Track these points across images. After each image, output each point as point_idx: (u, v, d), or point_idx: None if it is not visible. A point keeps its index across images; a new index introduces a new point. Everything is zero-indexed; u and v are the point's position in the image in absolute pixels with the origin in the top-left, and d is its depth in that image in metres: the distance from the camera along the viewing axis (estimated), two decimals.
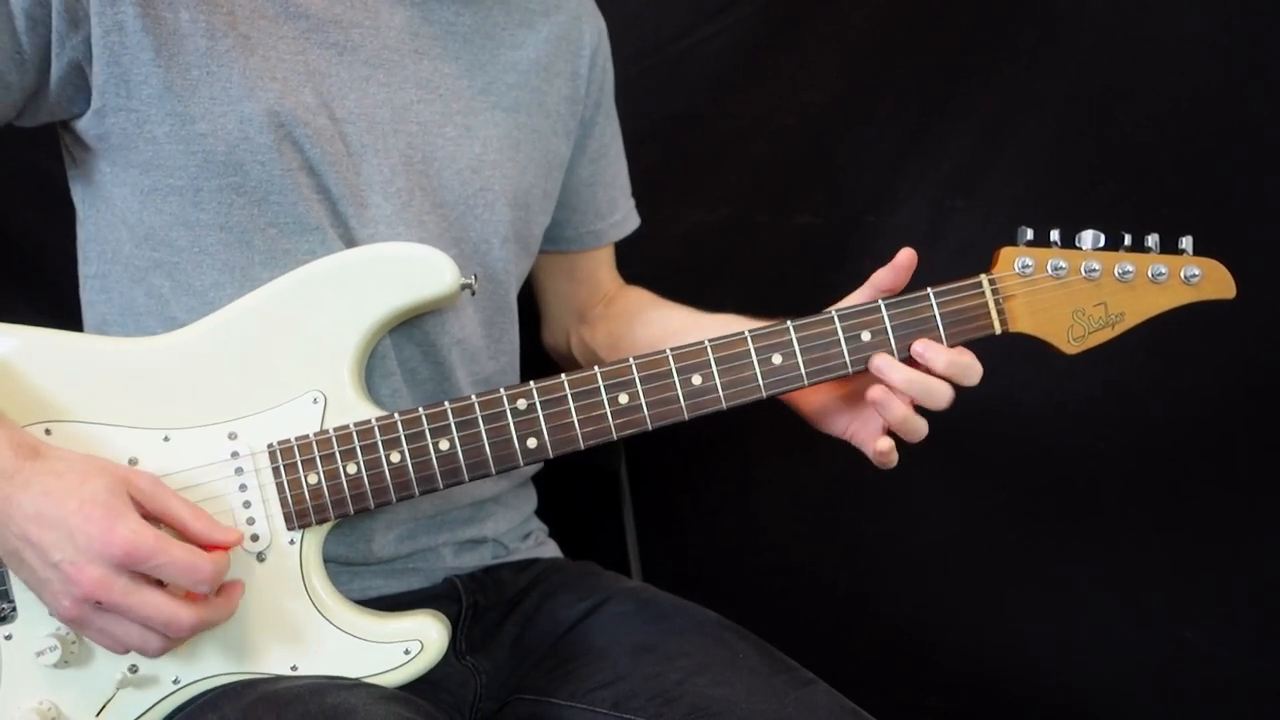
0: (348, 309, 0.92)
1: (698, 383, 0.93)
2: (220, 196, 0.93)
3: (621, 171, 1.26)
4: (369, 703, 0.83)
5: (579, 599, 1.07)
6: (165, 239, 0.95)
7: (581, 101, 1.15)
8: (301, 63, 0.96)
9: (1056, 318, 0.96)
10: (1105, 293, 0.96)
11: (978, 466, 1.49)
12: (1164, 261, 0.96)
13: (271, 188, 0.94)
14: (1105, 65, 1.42)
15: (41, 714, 0.85)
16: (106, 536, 0.78)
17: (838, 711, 0.91)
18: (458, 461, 0.91)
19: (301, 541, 0.90)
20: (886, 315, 0.94)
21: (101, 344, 0.92)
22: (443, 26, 1.04)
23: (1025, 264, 0.95)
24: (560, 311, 1.28)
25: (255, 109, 0.93)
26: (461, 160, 1.03)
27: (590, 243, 1.23)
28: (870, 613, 1.55)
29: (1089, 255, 0.95)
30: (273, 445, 0.90)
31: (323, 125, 0.96)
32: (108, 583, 0.78)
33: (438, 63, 1.03)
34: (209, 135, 0.92)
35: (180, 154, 0.92)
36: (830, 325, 0.94)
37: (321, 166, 0.96)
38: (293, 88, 0.95)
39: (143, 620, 0.80)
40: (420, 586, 1.05)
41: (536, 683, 1.00)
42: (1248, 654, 1.47)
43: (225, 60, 0.93)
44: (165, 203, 0.94)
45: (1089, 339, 0.96)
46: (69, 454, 0.83)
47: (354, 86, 0.98)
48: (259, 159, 0.93)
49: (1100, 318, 0.96)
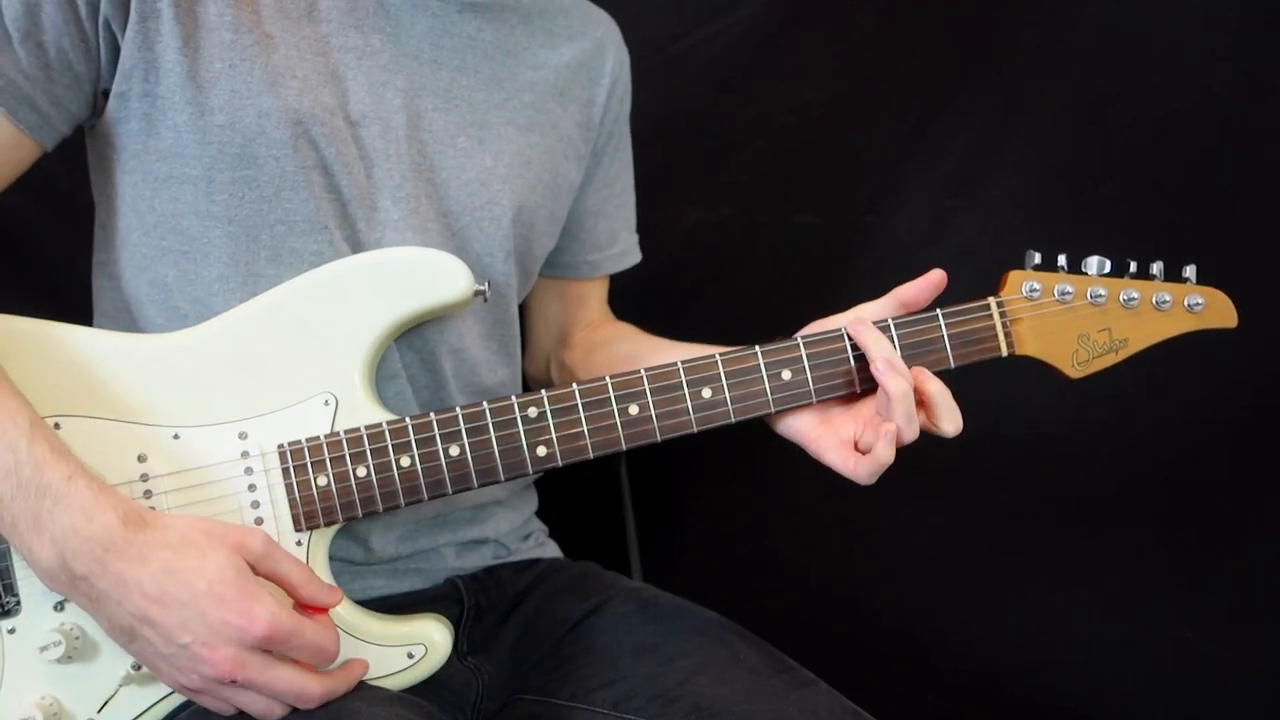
0: (361, 312, 0.93)
1: (708, 396, 0.93)
2: (232, 189, 0.94)
3: (628, 204, 1.26)
4: (372, 705, 0.83)
5: (580, 599, 1.07)
6: (174, 228, 0.95)
7: (595, 129, 1.16)
8: (322, 64, 0.97)
9: (1062, 342, 0.97)
10: (1110, 318, 0.97)
11: (978, 467, 1.49)
12: (1168, 289, 0.97)
13: (283, 184, 0.94)
14: (1105, 65, 1.42)
15: (43, 709, 0.85)
16: (243, 622, 0.78)
17: (838, 712, 0.91)
18: (467, 467, 0.91)
19: (309, 543, 0.90)
20: (895, 334, 0.94)
21: (114, 339, 0.92)
22: (464, 39, 1.04)
23: (1033, 288, 0.96)
24: (544, 335, 1.28)
25: (274, 105, 0.93)
26: (470, 172, 1.03)
27: (586, 272, 1.23)
28: (871, 613, 1.55)
29: (1095, 281, 0.96)
30: (283, 446, 0.90)
31: (338, 126, 0.96)
32: (243, 662, 0.78)
33: (455, 74, 1.03)
34: (226, 127, 0.92)
35: (196, 144, 0.93)
36: (840, 343, 0.95)
37: (335, 166, 0.96)
38: (311, 87, 0.95)
39: (275, 695, 0.81)
40: (422, 587, 1.05)
41: (538, 683, 1.01)
42: (1248, 654, 1.47)
43: (248, 55, 0.93)
44: (179, 191, 0.94)
45: (1093, 364, 0.98)
46: (178, 521, 0.82)
47: (371, 91, 0.98)
48: (274, 154, 0.94)
49: (1105, 343, 0.97)
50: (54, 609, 0.86)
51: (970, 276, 0.97)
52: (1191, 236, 1.34)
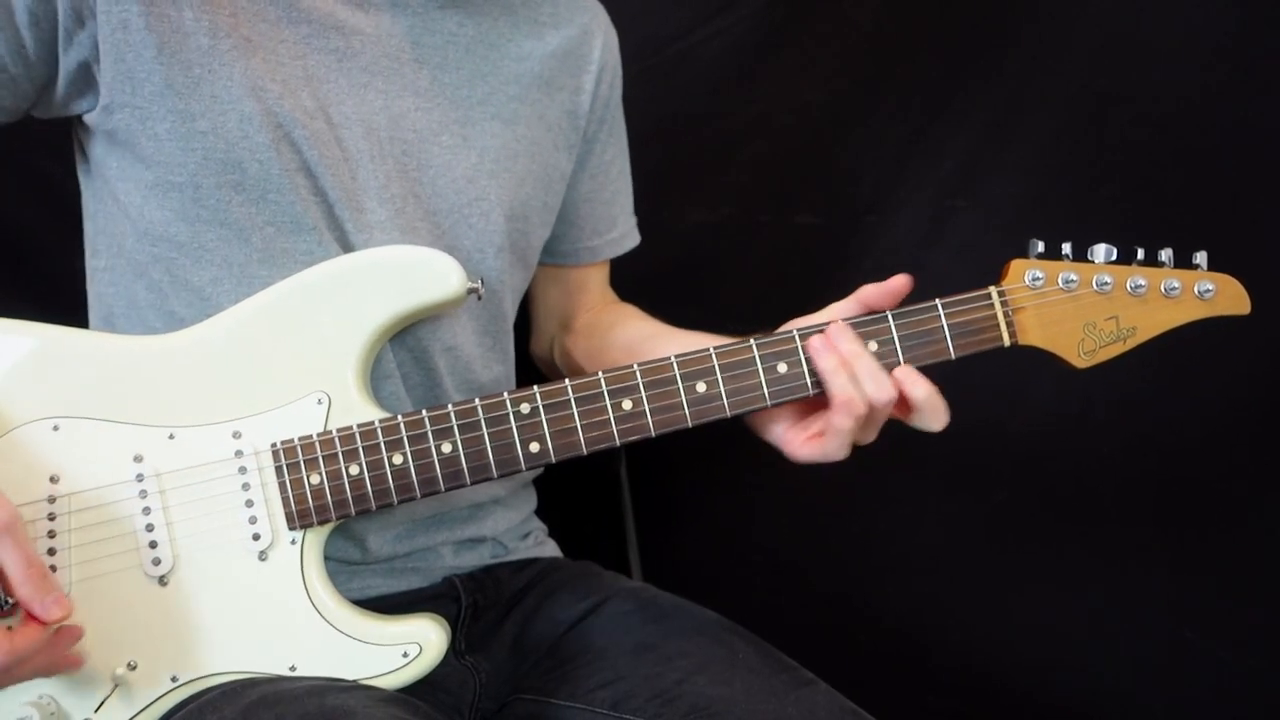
0: (354, 311, 0.93)
1: (702, 390, 0.93)
2: (219, 194, 0.94)
3: (624, 189, 1.25)
4: (368, 705, 0.83)
5: (579, 599, 1.07)
6: (165, 234, 0.95)
7: (585, 116, 1.15)
8: (301, 67, 0.96)
9: (1067, 331, 0.95)
10: (1117, 306, 0.95)
11: (978, 467, 1.49)
12: (1178, 276, 0.95)
13: (269, 186, 0.94)
14: (1106, 65, 1.42)
15: (40, 708, 0.85)
16: None
17: (838, 712, 0.90)
18: (460, 464, 0.91)
19: (303, 542, 0.90)
20: (894, 326, 0.93)
21: (109, 341, 0.93)
22: (445, 36, 1.04)
23: (1036, 276, 0.94)
24: (546, 319, 1.28)
25: (255, 108, 0.93)
26: (457, 170, 1.03)
27: (585, 258, 1.23)
28: (870, 613, 1.55)
29: (1101, 268, 0.94)
30: (276, 445, 0.90)
31: (320, 129, 0.96)
32: None
33: (437, 72, 1.03)
34: (209, 133, 0.92)
35: (180, 151, 0.92)
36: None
37: (318, 169, 0.96)
38: (291, 89, 0.95)
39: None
40: (419, 586, 1.05)
41: (536, 683, 1.00)
42: (1248, 654, 1.47)
43: (227, 60, 0.93)
44: (166, 198, 0.94)
45: (1100, 353, 0.95)
46: None
47: (352, 92, 0.98)
48: (257, 158, 0.93)
49: (1112, 331, 0.95)
50: None
51: (970, 276, 0.96)
52: (1191, 236, 1.33)
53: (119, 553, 0.88)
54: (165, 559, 0.88)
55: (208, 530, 0.89)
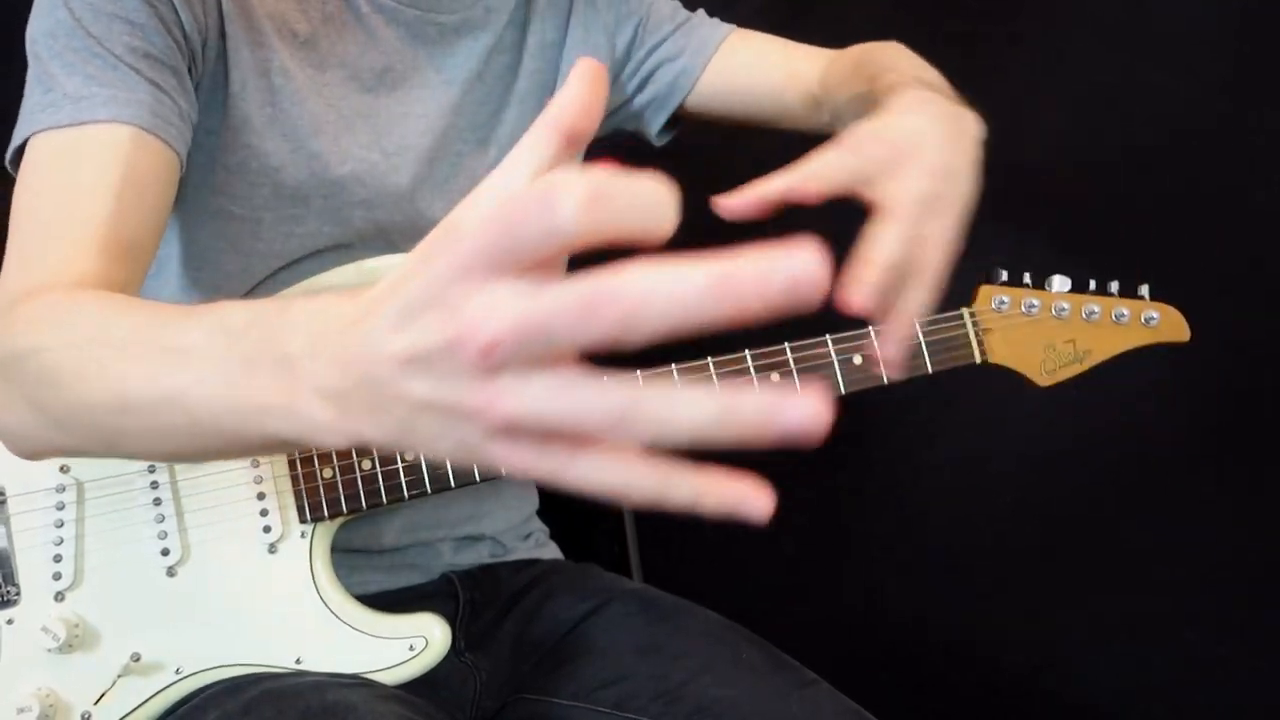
0: None
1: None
2: (278, 227, 0.96)
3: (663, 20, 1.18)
4: (369, 700, 0.83)
5: (580, 599, 1.06)
6: (213, 261, 0.97)
7: (607, 53, 1.14)
8: (349, 105, 0.98)
9: (1030, 351, 1.03)
10: (1073, 330, 1.04)
11: (979, 467, 1.50)
12: (1126, 305, 1.04)
13: (326, 220, 0.97)
14: (1105, 65, 1.43)
15: (40, 700, 0.85)
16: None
17: (840, 711, 0.91)
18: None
19: (312, 535, 0.91)
20: (876, 341, 0.98)
21: None
22: (463, 54, 1.05)
23: (1001, 301, 1.03)
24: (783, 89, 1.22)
25: (319, 148, 0.95)
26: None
27: (700, 72, 1.18)
28: (871, 613, 1.55)
29: (1058, 296, 1.03)
30: None
31: (376, 161, 0.98)
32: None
33: (464, 92, 1.04)
34: (279, 170, 0.94)
35: (246, 185, 0.94)
36: (825, 348, 0.98)
37: (376, 201, 0.98)
38: (348, 127, 0.97)
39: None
40: (418, 582, 1.05)
41: (538, 682, 1.00)
42: (1248, 654, 1.47)
43: (296, 100, 0.95)
44: (224, 227, 0.95)
45: (1059, 372, 1.04)
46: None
47: (397, 122, 1.00)
48: (322, 193, 0.96)
49: (1069, 353, 1.04)
50: (54, 599, 0.86)
51: (971, 273, 0.98)
52: (1190, 237, 1.35)
53: (128, 543, 0.88)
54: (175, 549, 0.88)
55: (219, 521, 0.89)
